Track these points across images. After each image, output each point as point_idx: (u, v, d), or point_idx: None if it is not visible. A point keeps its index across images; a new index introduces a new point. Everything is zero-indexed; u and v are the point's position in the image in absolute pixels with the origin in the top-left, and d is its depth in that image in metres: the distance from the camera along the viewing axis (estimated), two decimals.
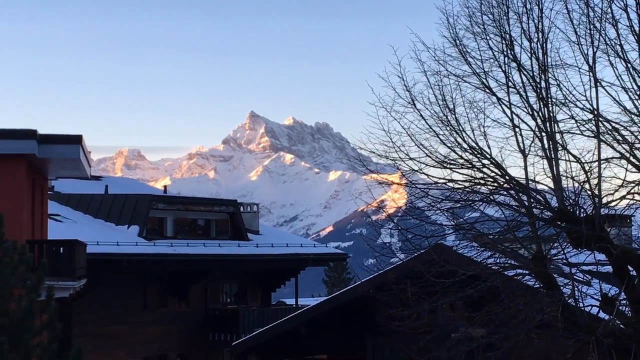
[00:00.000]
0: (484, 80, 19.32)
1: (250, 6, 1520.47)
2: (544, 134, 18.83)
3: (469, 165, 19.29)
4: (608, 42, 18.27)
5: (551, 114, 18.73)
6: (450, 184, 19.57)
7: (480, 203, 19.60)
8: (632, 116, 18.27)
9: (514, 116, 19.22)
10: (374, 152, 20.04)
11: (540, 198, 19.00)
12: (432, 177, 19.76)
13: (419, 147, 19.48)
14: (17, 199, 25.85)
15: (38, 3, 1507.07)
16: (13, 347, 16.01)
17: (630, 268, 18.72)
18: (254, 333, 35.20)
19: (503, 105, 19.29)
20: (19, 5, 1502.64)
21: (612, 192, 18.66)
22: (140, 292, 44.11)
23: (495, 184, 19.35)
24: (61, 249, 28.45)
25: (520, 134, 19.21)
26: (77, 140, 27.33)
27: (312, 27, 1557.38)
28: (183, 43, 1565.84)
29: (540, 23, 18.82)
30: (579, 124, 18.70)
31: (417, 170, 19.78)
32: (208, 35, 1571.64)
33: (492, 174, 19.24)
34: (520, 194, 19.17)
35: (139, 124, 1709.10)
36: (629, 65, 18.17)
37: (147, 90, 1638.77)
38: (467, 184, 19.52)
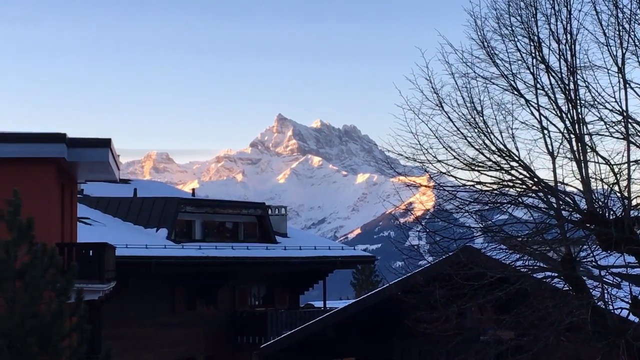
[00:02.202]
0: (512, 82, 19.25)
1: (277, 9, 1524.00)
2: (572, 135, 18.73)
3: (497, 168, 19.23)
4: (637, 44, 18.17)
5: (580, 116, 18.64)
6: (479, 186, 19.51)
7: (509, 205, 19.53)
8: None
9: (543, 118, 19.14)
10: (401, 155, 20.01)
11: (569, 200, 18.91)
12: (460, 179, 19.72)
13: (446, 149, 19.43)
14: (47, 203, 26.00)
15: (64, 6, 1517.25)
16: (43, 349, 16.14)
17: None
18: (282, 336, 35.21)
19: (531, 107, 19.21)
20: (46, 8, 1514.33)
21: None
22: (169, 294, 44.26)
23: (524, 186, 19.27)
24: (90, 251, 28.59)
25: (549, 136, 19.13)
26: (106, 143, 27.46)
27: (339, 29, 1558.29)
28: (211, 46, 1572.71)
29: (568, 24, 18.74)
30: (608, 126, 18.59)
31: (445, 173, 19.74)
32: (236, 38, 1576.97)
33: (521, 176, 19.17)
34: (549, 196, 19.09)
35: (167, 128, 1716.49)
36: None
37: (175, 94, 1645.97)
38: (495, 186, 19.45)
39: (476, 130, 19.16)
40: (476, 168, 19.35)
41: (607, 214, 18.45)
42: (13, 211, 16.67)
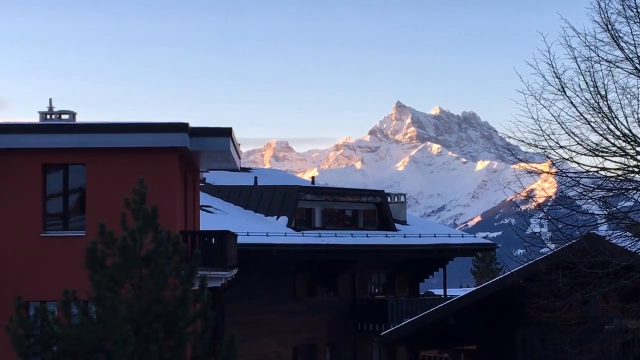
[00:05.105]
0: (638, 65, 18.79)
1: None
2: None
3: (622, 153, 18.82)
4: None
5: None
6: (603, 172, 19.15)
7: (635, 192, 19.10)
8: None
9: None
10: (522, 141, 19.77)
11: None
12: (584, 165, 19.38)
13: (569, 135, 19.13)
14: (171, 191, 26.53)
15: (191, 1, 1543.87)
16: (168, 334, 16.47)
17: None
18: (403, 323, 35.16)
19: None
20: (171, 4, 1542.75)
21: None
22: (290, 281, 44.65)
23: None
24: (213, 239, 29.04)
25: None
26: (227, 132, 27.85)
27: (458, 17, 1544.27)
28: (330, 37, 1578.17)
29: None
30: None
31: (567, 159, 19.43)
32: (355, 28, 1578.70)
33: None
34: None
35: (286, 116, 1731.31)
36: None
37: (295, 83, 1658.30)
38: (620, 172, 19.06)
39: (600, 115, 18.80)
40: (600, 154, 18.99)
41: None
42: (139, 199, 17.04)
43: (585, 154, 19.19)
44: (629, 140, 18.67)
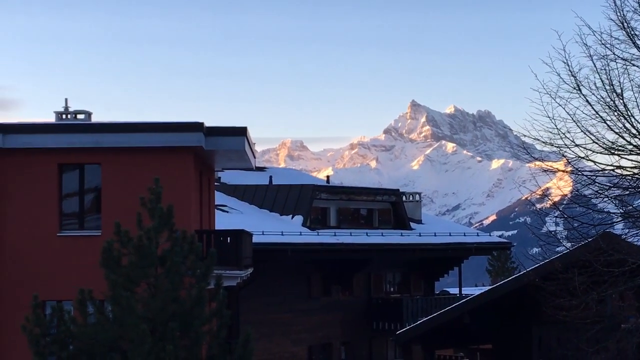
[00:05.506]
0: None
1: None
2: None
3: (638, 152, 18.75)
4: None
5: None
6: (618, 171, 19.08)
7: None
8: None
9: None
10: (537, 139, 19.71)
11: None
12: (599, 164, 19.31)
13: (585, 133, 19.06)
14: (186, 191, 26.56)
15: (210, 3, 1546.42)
16: (184, 333, 16.50)
17: None
18: (418, 322, 35.13)
19: None
20: (185, 3, 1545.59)
21: None
22: (305, 280, 44.69)
23: None
24: (228, 238, 29.06)
25: None
26: (242, 132, 27.87)
27: (472, 15, 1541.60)
28: (345, 36, 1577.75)
29: None
30: None
31: (583, 157, 19.37)
32: (369, 27, 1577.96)
33: None
34: None
35: (301, 116, 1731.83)
36: None
37: (310, 82, 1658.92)
38: (636, 171, 18.99)
39: (616, 114, 18.73)
40: (616, 152, 18.92)
41: None
42: (154, 199, 17.07)
43: (601, 153, 19.13)
44: None
